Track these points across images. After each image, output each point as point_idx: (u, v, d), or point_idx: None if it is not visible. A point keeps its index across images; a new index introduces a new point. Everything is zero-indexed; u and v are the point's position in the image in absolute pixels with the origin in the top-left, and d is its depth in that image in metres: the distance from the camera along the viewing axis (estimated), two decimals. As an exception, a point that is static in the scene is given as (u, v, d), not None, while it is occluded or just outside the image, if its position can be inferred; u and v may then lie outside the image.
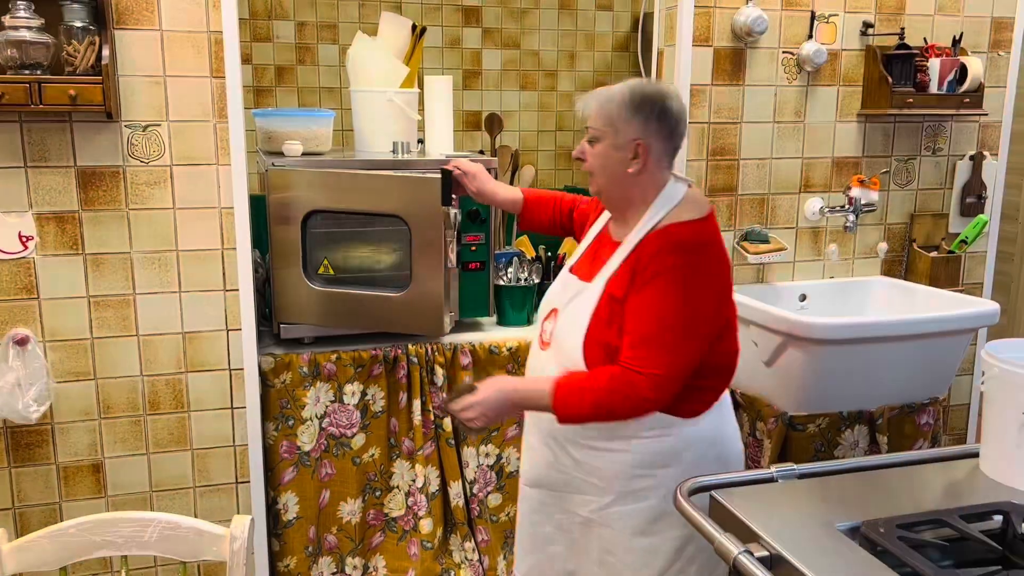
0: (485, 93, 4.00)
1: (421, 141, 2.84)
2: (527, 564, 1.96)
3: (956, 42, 2.68)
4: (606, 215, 1.83)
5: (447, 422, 2.53)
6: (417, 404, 2.50)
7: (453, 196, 2.23)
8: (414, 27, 2.78)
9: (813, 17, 2.57)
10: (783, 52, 2.60)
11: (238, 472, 2.40)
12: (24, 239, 2.13)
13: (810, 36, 2.58)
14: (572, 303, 1.74)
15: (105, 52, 2.00)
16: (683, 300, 1.58)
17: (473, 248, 2.59)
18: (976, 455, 1.55)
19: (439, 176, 2.19)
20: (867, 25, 2.63)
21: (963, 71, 2.62)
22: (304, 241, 2.41)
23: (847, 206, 2.64)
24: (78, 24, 2.01)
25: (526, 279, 2.68)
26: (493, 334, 2.60)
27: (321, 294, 2.44)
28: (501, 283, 2.68)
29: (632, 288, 1.63)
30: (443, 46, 3.90)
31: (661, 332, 1.59)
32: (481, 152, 3.04)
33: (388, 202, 2.38)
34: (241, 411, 2.37)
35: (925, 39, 2.67)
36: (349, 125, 2.94)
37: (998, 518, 1.34)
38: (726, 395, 1.84)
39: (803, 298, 2.73)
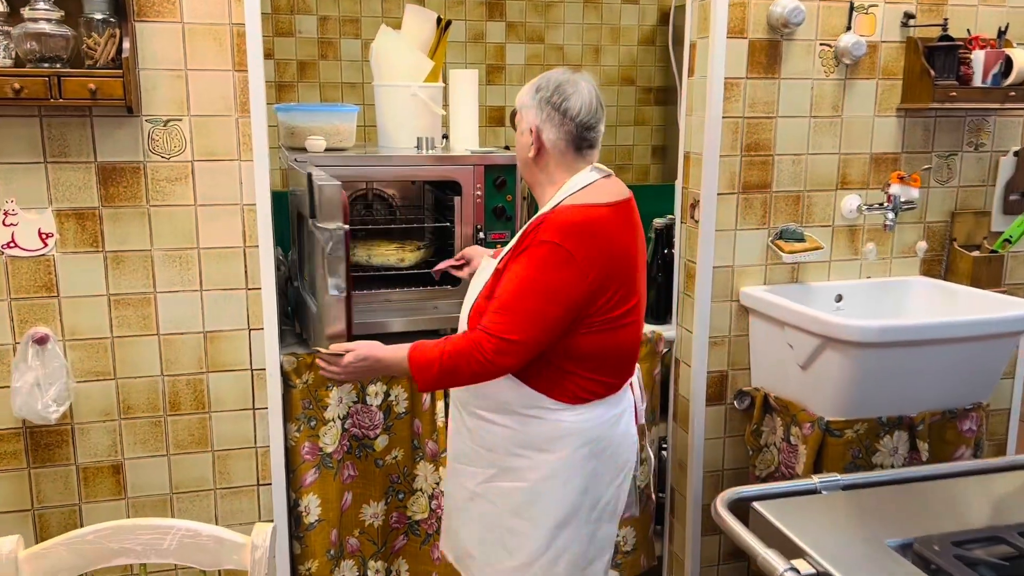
0: (508, 88, 3.96)
1: (446, 136, 2.78)
2: (443, 539, 2.09)
3: (1001, 33, 2.58)
4: None
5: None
6: (441, 405, 2.45)
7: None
8: (439, 20, 2.72)
9: (852, 8, 2.49)
10: (820, 44, 2.51)
11: (259, 474, 2.35)
12: (44, 236, 2.09)
13: (848, 27, 2.49)
14: (475, 280, 1.91)
15: (126, 45, 1.96)
16: (545, 273, 1.64)
17: (499, 246, 2.52)
18: (1030, 467, 1.47)
19: None
20: (908, 16, 2.53)
21: (1008, 63, 2.52)
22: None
23: (886, 204, 2.55)
24: (98, 16, 1.97)
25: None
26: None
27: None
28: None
29: (511, 260, 1.72)
30: (466, 40, 3.87)
31: (516, 300, 1.65)
32: (507, 148, 2.98)
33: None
34: (263, 412, 2.32)
35: (968, 30, 2.57)
36: (372, 121, 2.89)
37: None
38: (625, 399, 1.89)
39: (839, 298, 2.64)
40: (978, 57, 2.51)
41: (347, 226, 1.93)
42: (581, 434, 1.80)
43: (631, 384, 1.97)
